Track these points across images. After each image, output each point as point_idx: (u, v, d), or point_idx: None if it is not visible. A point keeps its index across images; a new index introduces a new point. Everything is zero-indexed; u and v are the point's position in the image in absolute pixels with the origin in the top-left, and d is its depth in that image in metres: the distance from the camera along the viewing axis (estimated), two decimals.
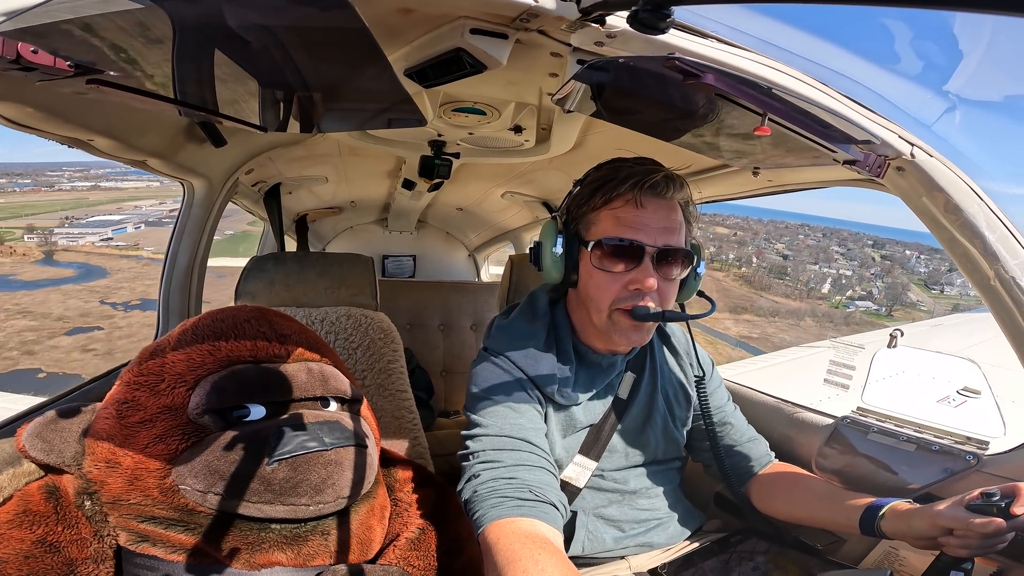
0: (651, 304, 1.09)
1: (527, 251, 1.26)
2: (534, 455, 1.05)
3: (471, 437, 1.09)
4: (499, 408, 1.10)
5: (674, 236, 1.10)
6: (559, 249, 1.15)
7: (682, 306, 1.26)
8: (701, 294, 1.25)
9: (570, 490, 1.19)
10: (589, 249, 1.11)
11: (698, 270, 1.20)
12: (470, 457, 1.06)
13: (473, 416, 1.12)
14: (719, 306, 1.36)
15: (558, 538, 0.95)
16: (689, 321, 1.23)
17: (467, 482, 1.03)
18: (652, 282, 1.07)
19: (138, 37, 0.76)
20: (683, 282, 1.18)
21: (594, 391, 1.22)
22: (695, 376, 1.31)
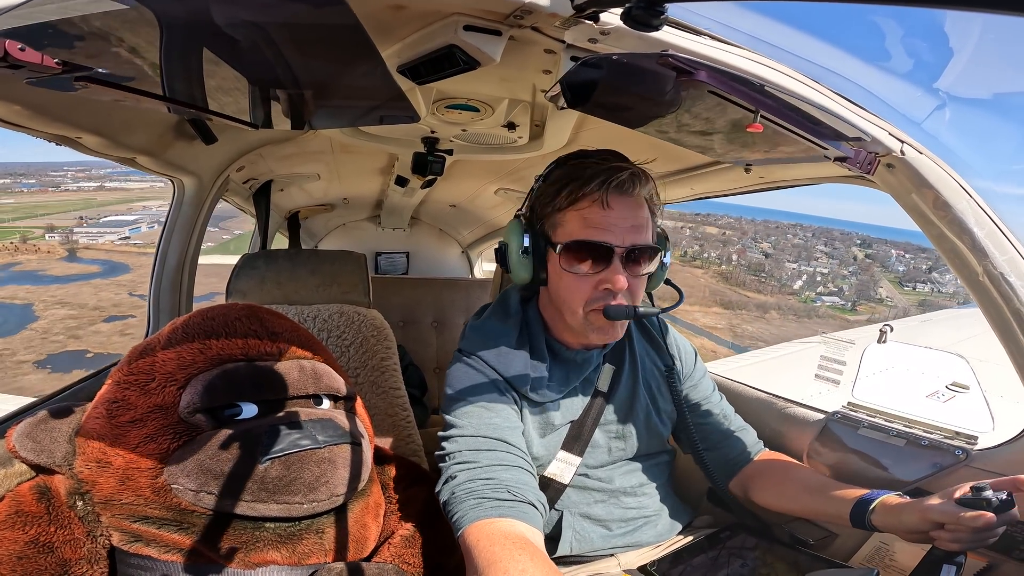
0: (622, 301, 1.10)
1: None
2: (511, 455, 1.05)
3: (447, 438, 1.09)
4: (474, 408, 1.10)
5: (642, 234, 1.10)
6: (525, 249, 1.14)
7: (650, 295, 1.26)
8: (668, 283, 1.25)
9: (555, 487, 1.19)
10: (557, 252, 1.10)
11: (664, 260, 1.20)
12: (447, 458, 1.06)
13: (448, 417, 1.12)
14: (691, 299, 1.37)
15: (538, 537, 0.95)
16: (659, 317, 1.25)
17: (444, 484, 1.03)
18: (623, 282, 1.07)
19: (126, 34, 0.75)
20: (653, 273, 1.20)
21: (571, 387, 1.22)
22: (665, 365, 1.31)
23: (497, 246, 1.22)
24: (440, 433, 1.12)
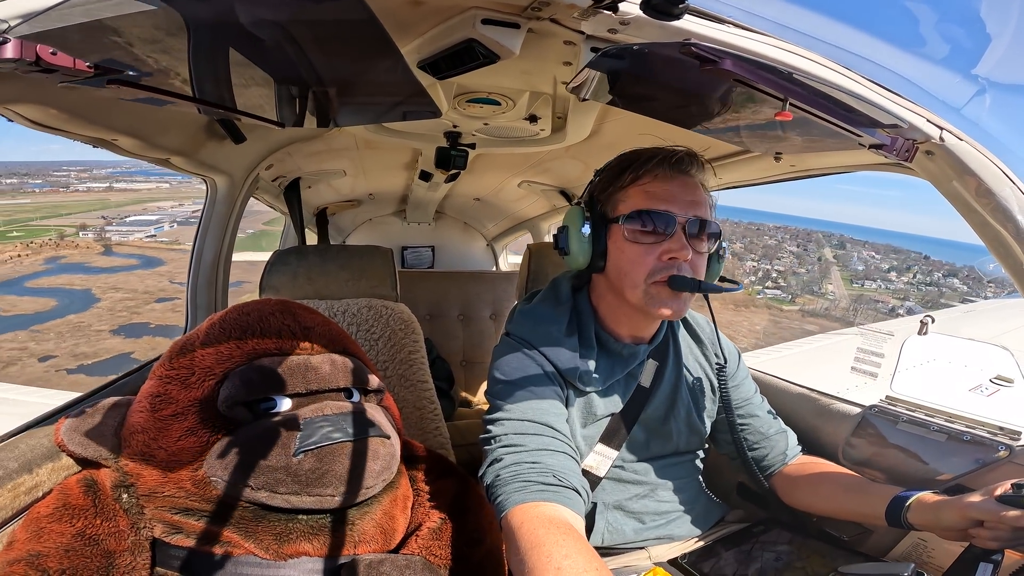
0: (686, 274, 1.10)
1: (545, 240, 1.27)
2: (556, 440, 1.05)
3: (493, 421, 1.09)
4: (521, 393, 1.10)
5: (701, 209, 1.12)
6: (587, 230, 1.16)
7: (706, 297, 1.24)
8: (724, 279, 1.25)
9: (591, 480, 1.18)
10: (621, 223, 1.12)
11: (721, 252, 1.21)
12: (492, 441, 1.06)
13: (495, 401, 1.12)
14: None
15: (580, 524, 0.94)
16: (712, 312, 1.26)
17: (489, 466, 1.03)
18: (687, 252, 1.08)
19: (153, 37, 0.77)
20: (710, 265, 1.20)
21: (615, 379, 1.21)
22: (717, 363, 1.29)
23: (555, 232, 1.24)
24: (486, 416, 1.12)
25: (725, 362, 1.29)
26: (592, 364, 1.17)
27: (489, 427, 1.09)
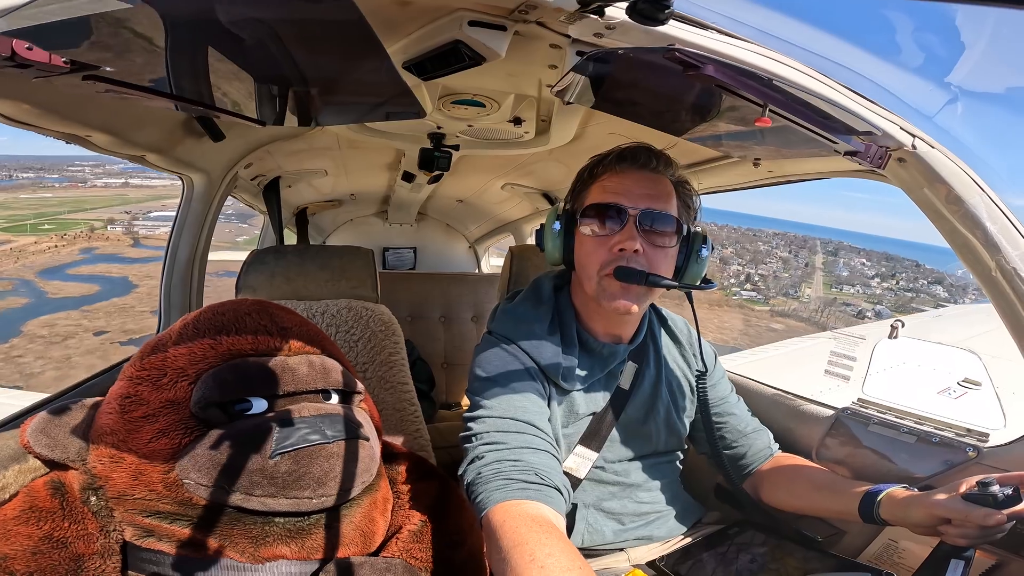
0: (636, 266, 1.10)
1: (528, 242, 1.28)
2: (538, 438, 1.05)
3: (474, 419, 1.08)
4: (503, 391, 1.10)
5: (659, 202, 1.13)
6: (558, 227, 1.20)
7: (690, 298, 1.26)
8: (706, 281, 1.23)
9: (571, 481, 1.19)
10: (579, 218, 1.16)
11: (701, 253, 1.19)
12: (473, 439, 1.05)
13: (476, 398, 1.12)
14: None
15: (562, 523, 0.94)
16: (695, 315, 1.27)
17: (470, 464, 1.02)
18: (633, 243, 1.09)
19: (133, 32, 0.75)
20: (686, 266, 1.19)
21: (595, 379, 1.22)
22: (697, 369, 1.31)
23: (536, 228, 1.29)
24: (466, 414, 1.11)
25: (706, 369, 1.30)
26: (574, 363, 1.18)
27: (470, 424, 1.08)
